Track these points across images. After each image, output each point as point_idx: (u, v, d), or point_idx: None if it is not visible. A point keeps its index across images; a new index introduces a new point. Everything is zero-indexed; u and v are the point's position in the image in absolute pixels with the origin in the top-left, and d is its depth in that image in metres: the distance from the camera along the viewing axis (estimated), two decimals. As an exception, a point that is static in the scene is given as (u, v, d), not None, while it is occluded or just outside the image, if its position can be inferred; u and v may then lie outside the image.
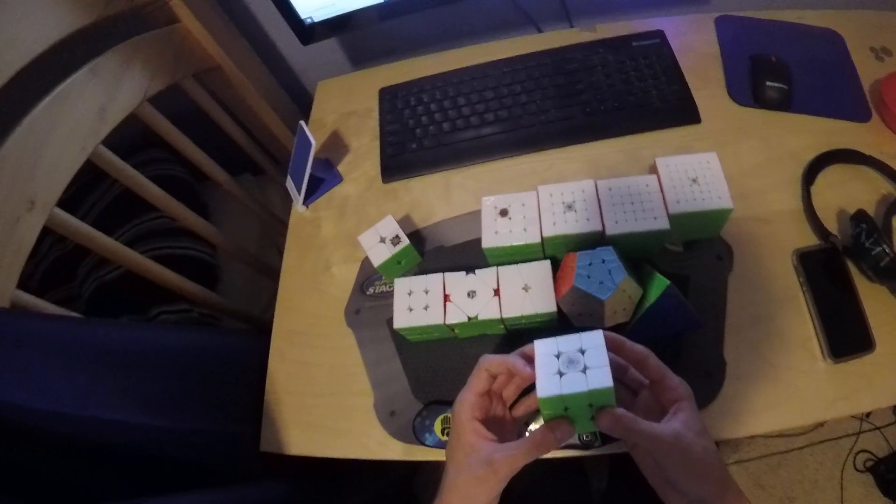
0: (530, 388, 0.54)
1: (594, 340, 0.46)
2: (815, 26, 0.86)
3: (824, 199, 0.71)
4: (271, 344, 0.76)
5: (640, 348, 0.51)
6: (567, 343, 0.47)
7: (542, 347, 0.48)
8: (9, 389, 0.53)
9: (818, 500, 1.26)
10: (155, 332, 0.74)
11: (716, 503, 0.45)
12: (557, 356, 0.46)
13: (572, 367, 0.45)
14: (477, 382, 0.51)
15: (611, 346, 0.52)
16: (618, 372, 0.54)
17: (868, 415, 1.30)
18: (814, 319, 0.64)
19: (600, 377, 0.44)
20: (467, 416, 0.50)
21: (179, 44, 0.87)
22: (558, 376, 0.45)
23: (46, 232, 0.69)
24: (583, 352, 0.46)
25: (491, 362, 0.52)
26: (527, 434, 0.59)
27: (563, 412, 0.47)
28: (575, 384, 0.44)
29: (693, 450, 0.44)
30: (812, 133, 0.76)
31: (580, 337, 0.47)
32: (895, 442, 1.29)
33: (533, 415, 0.57)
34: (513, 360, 0.51)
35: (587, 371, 0.45)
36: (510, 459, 0.47)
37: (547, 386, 0.45)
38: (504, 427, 0.54)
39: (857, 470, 1.28)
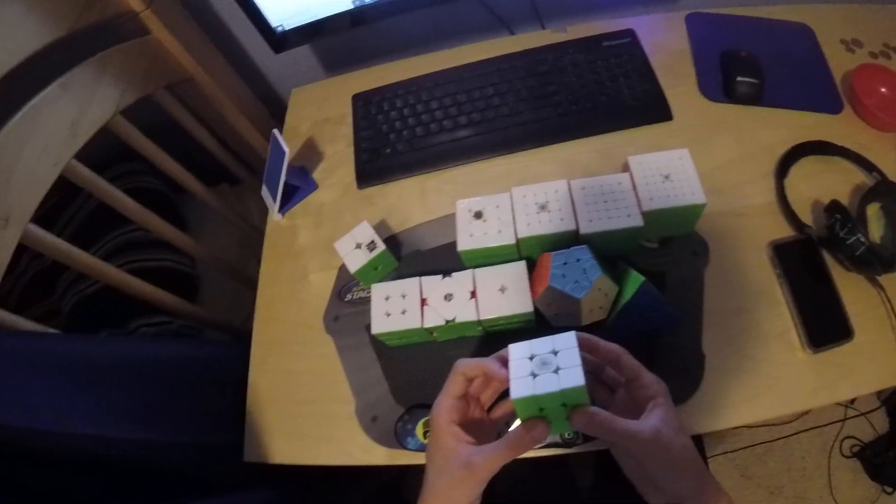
0: (508, 391, 0.55)
1: (566, 342, 0.47)
2: (785, 20, 0.87)
3: (798, 191, 0.72)
4: (251, 353, 0.75)
5: (613, 347, 0.51)
6: (540, 345, 0.47)
7: (516, 351, 0.48)
8: None
9: (807, 488, 1.27)
10: (135, 346, 0.73)
11: (694, 499, 0.45)
12: (531, 358, 0.46)
13: (545, 368, 0.45)
14: (453, 387, 0.51)
15: (585, 347, 0.52)
16: (594, 371, 0.54)
17: (853, 401, 1.31)
18: (791, 310, 0.65)
19: (572, 376, 0.44)
20: (445, 419, 0.50)
21: (151, 55, 0.86)
22: (531, 378, 0.45)
23: (24, 248, 0.68)
24: (555, 353, 0.46)
25: (466, 366, 0.51)
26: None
27: (539, 412, 0.47)
28: (547, 384, 0.44)
29: (671, 447, 0.44)
30: (785, 126, 0.77)
31: (553, 339, 0.47)
32: (880, 427, 1.30)
33: (511, 417, 0.57)
34: (488, 363, 0.51)
35: (559, 371, 0.45)
36: (488, 461, 0.47)
37: (520, 387, 0.45)
38: (482, 430, 0.54)
39: (844, 456, 1.29)
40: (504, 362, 0.50)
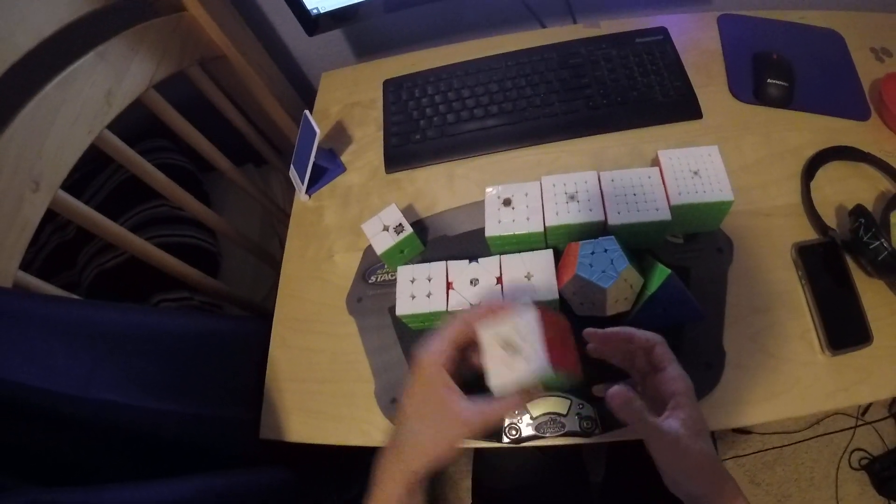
0: None
1: (528, 326, 0.47)
2: (816, 26, 0.87)
3: (824, 194, 0.72)
4: (272, 330, 0.76)
5: (649, 335, 0.51)
6: (504, 326, 0.48)
7: (486, 334, 0.48)
8: (12, 368, 0.53)
9: (814, 498, 1.28)
10: (158, 316, 0.74)
11: (709, 500, 0.46)
12: (501, 342, 0.47)
13: (513, 351, 0.47)
14: (453, 333, 0.50)
15: (617, 339, 0.52)
16: (624, 361, 0.55)
17: (864, 412, 1.31)
18: (812, 312, 0.65)
19: (536, 363, 0.45)
20: (438, 367, 0.48)
21: (186, 32, 0.87)
22: (504, 365, 0.46)
23: (48, 219, 0.69)
24: (519, 334, 0.47)
25: (472, 315, 0.50)
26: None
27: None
28: (519, 370, 0.46)
29: (689, 452, 0.45)
30: (812, 130, 0.77)
31: (515, 320, 0.48)
32: (890, 440, 1.30)
33: None
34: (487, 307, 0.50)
35: (526, 357, 0.46)
36: (483, 416, 0.47)
37: (495, 375, 0.47)
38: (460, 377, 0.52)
39: (853, 468, 1.29)
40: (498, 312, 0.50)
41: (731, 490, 0.46)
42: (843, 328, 0.63)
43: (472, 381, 0.50)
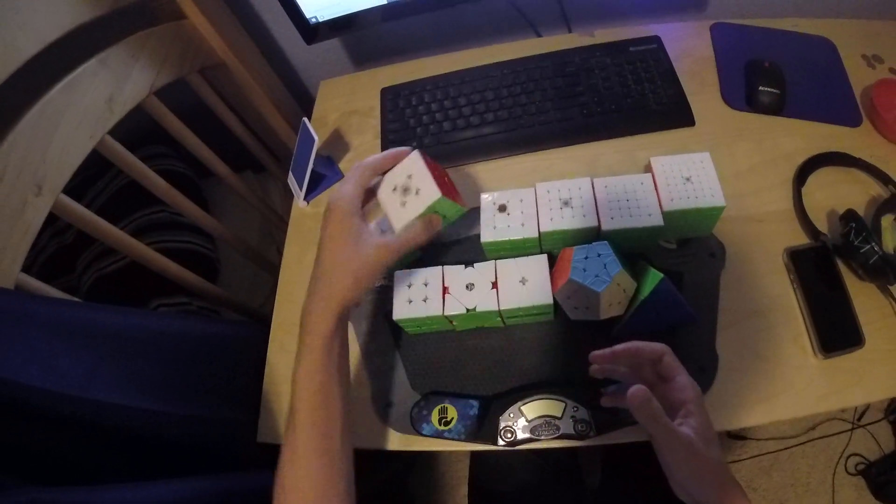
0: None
1: (413, 161, 0.59)
2: (808, 34, 0.88)
3: (815, 199, 0.73)
4: (271, 335, 0.77)
5: (656, 346, 0.53)
6: (397, 175, 0.59)
7: (383, 191, 0.61)
8: (13, 367, 0.53)
9: (811, 504, 1.28)
10: (158, 319, 0.74)
11: None
12: (394, 190, 0.59)
13: (408, 193, 0.58)
14: (362, 178, 0.58)
15: (626, 353, 0.53)
16: (630, 375, 0.56)
17: (860, 417, 1.32)
18: (804, 316, 0.66)
19: (429, 193, 0.57)
20: (356, 204, 0.56)
21: (186, 39, 0.89)
22: (403, 209, 0.58)
23: (47, 223, 0.69)
24: (411, 175, 0.58)
25: (375, 161, 0.60)
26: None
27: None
28: (417, 205, 0.57)
29: (698, 457, 0.47)
30: (804, 136, 0.78)
31: (404, 164, 0.59)
32: (886, 445, 1.30)
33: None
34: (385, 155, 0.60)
35: (419, 192, 0.57)
36: (400, 241, 0.57)
37: (397, 220, 0.59)
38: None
39: (849, 473, 1.29)
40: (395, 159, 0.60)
41: (738, 497, 0.47)
42: (836, 331, 0.64)
43: None
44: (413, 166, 0.59)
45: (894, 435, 1.31)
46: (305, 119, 0.83)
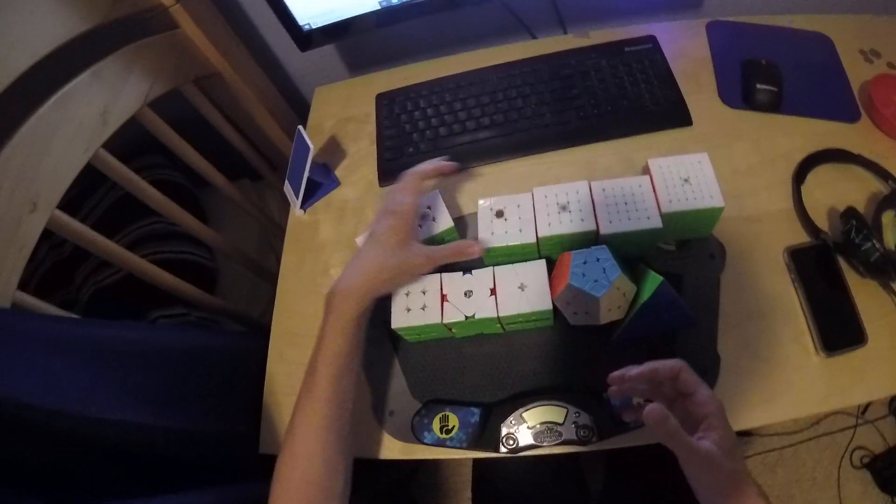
0: None
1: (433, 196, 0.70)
2: (805, 30, 0.88)
3: (815, 197, 0.72)
4: (270, 345, 0.76)
5: (672, 364, 0.52)
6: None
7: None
8: (12, 385, 0.53)
9: (816, 499, 1.27)
10: (155, 332, 0.74)
11: None
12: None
13: (425, 220, 0.69)
14: (418, 187, 0.65)
15: (646, 376, 0.53)
16: (650, 393, 0.56)
17: (864, 411, 1.31)
18: (806, 315, 0.65)
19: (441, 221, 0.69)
20: (414, 214, 0.63)
21: (180, 49, 0.88)
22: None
23: (44, 237, 0.69)
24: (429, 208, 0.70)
25: (425, 168, 0.67)
26: None
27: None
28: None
29: (721, 469, 0.47)
30: (802, 134, 0.78)
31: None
32: (891, 437, 1.30)
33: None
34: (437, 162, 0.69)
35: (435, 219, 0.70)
36: (441, 253, 0.64)
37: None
38: None
39: (854, 467, 1.29)
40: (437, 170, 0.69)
41: None
42: (838, 330, 0.64)
43: None
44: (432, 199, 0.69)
45: (899, 427, 1.30)
46: (300, 127, 0.83)
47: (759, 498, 0.48)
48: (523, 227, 0.66)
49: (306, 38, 0.84)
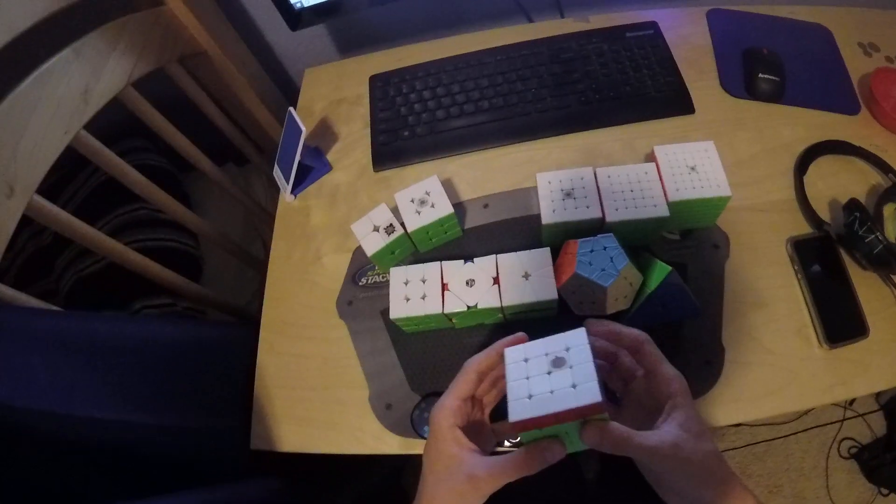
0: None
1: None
2: (805, 21, 0.87)
3: (817, 188, 0.72)
4: (260, 336, 0.74)
5: (636, 333, 0.50)
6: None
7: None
8: None
9: (804, 488, 1.29)
10: (140, 325, 0.71)
11: None
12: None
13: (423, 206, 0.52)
14: (463, 386, 0.49)
15: (607, 336, 0.51)
16: (608, 360, 0.52)
17: (851, 402, 1.33)
18: (809, 306, 0.65)
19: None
20: (449, 423, 0.47)
21: (165, 27, 0.84)
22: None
23: (23, 224, 0.65)
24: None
25: (480, 362, 0.49)
26: (506, 445, 0.58)
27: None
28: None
29: (692, 458, 0.42)
30: (804, 125, 0.77)
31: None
32: (878, 429, 1.32)
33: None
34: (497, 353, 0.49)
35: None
36: (493, 476, 0.44)
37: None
38: (483, 434, 0.51)
39: (842, 457, 1.31)
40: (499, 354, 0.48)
41: (740, 491, 0.44)
42: (840, 322, 0.64)
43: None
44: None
45: (886, 419, 1.32)
46: (291, 109, 0.80)
47: (735, 479, 0.44)
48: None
49: (297, 17, 0.81)
